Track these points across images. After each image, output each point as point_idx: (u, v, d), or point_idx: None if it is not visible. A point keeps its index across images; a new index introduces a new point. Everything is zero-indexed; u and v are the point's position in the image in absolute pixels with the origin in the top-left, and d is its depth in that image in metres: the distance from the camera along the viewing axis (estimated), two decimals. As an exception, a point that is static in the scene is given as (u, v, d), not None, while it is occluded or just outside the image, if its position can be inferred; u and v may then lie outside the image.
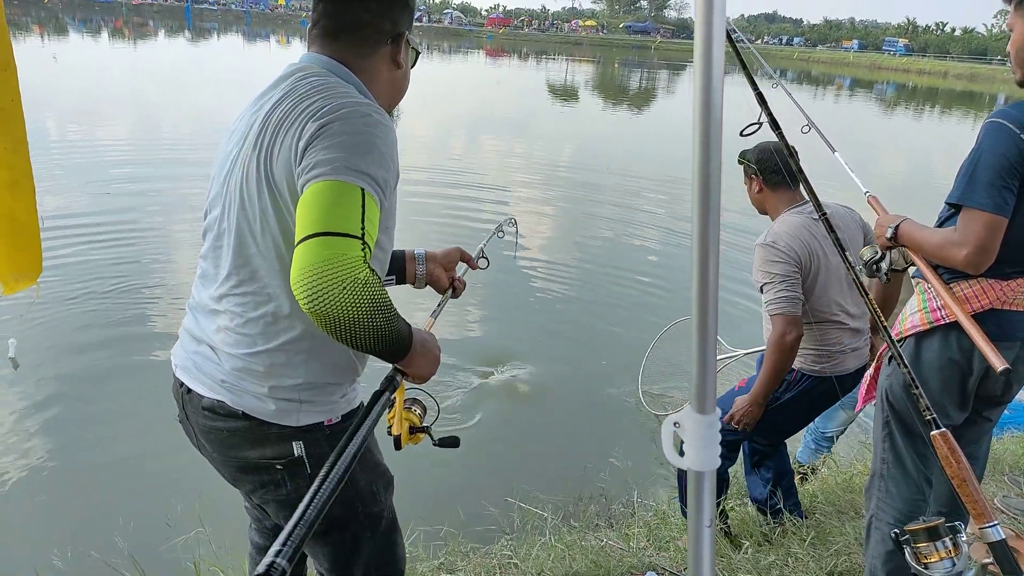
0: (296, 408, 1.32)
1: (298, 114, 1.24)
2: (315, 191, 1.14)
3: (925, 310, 1.86)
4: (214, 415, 1.32)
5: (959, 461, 1.41)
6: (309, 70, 1.35)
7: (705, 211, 0.78)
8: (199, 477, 3.42)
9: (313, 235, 1.08)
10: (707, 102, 0.75)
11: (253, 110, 1.36)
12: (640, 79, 40.57)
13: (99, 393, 4.25)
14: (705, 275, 0.80)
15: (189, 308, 1.44)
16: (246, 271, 1.29)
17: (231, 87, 18.74)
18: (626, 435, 4.24)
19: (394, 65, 1.43)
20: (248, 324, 1.29)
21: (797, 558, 2.62)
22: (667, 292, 6.67)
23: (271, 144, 1.25)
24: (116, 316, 5.20)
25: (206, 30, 51.39)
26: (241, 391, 1.30)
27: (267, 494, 1.40)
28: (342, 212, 1.11)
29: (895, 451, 1.98)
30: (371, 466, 1.48)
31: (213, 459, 1.44)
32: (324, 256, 1.06)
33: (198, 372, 1.35)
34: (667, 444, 0.89)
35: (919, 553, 1.38)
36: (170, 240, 7.04)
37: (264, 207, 1.25)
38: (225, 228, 1.32)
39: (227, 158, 1.36)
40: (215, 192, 1.37)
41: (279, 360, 1.29)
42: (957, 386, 1.87)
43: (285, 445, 1.33)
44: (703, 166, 0.77)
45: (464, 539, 2.85)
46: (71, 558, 2.77)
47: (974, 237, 1.68)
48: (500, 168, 11.58)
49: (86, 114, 12.98)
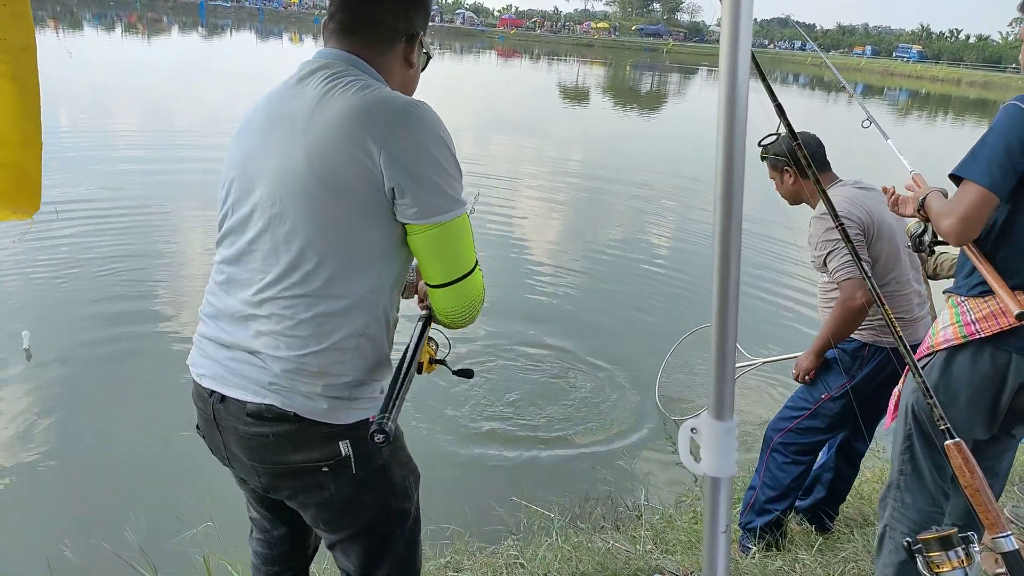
0: (347, 405, 1.32)
1: (353, 115, 1.23)
2: (436, 238, 1.28)
3: (959, 324, 1.83)
4: (261, 420, 1.29)
5: (973, 471, 1.41)
6: (335, 66, 1.33)
7: (727, 218, 0.79)
8: (209, 471, 3.45)
9: (452, 282, 1.32)
10: (731, 114, 0.76)
11: (276, 109, 1.32)
12: (652, 82, 40.51)
13: (111, 385, 4.28)
14: (726, 281, 0.81)
15: (207, 316, 1.41)
16: (298, 274, 1.26)
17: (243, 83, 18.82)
18: (634, 437, 4.24)
19: (407, 64, 1.43)
20: (299, 326, 1.27)
21: (804, 564, 2.62)
22: (680, 294, 6.66)
23: (329, 150, 1.23)
24: (130, 309, 5.23)
25: (219, 27, 51.63)
26: (292, 392, 1.28)
27: (309, 497, 1.38)
28: (463, 251, 1.32)
29: (914, 463, 1.97)
30: (404, 460, 1.48)
31: (247, 468, 1.40)
32: (466, 300, 1.36)
33: (237, 378, 1.31)
34: (683, 449, 0.89)
35: (931, 562, 1.37)
36: (183, 232, 7.10)
37: (324, 211, 1.24)
38: (261, 231, 1.29)
39: (247, 160, 1.33)
40: (236, 197, 1.34)
41: (331, 359, 1.29)
42: (989, 401, 1.84)
43: (332, 445, 1.32)
44: (726, 172, 0.78)
45: (471, 538, 2.86)
46: (82, 549, 2.79)
47: (961, 208, 1.70)
48: (509, 167, 11.59)
49: (99, 108, 13.06)
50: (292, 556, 1.64)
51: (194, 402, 1.44)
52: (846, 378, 2.60)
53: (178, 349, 4.73)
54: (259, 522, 1.62)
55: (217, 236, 1.40)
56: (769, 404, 4.72)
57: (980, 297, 1.81)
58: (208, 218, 7.59)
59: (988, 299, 1.80)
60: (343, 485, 1.35)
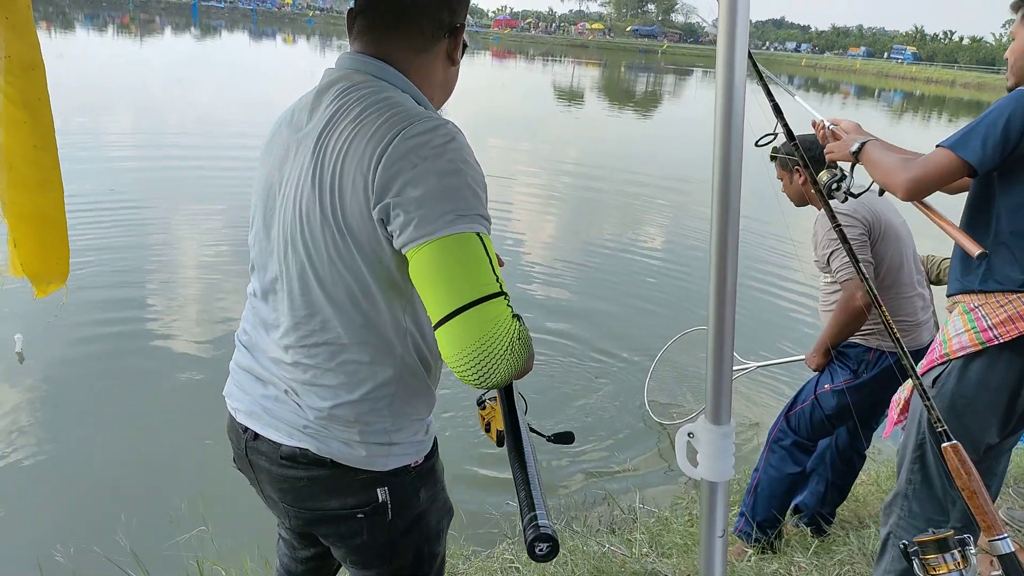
0: (386, 452, 1.23)
1: (364, 145, 1.07)
2: (430, 257, 1.01)
3: (975, 330, 1.81)
4: (294, 464, 1.21)
5: (970, 473, 1.40)
6: (354, 79, 1.18)
7: (724, 222, 0.78)
8: (202, 475, 3.46)
9: (456, 312, 1.00)
10: (728, 116, 0.75)
11: (292, 128, 1.21)
12: (647, 83, 40.59)
13: (104, 389, 4.25)
14: (723, 285, 0.80)
15: (243, 345, 1.32)
16: (316, 321, 1.16)
17: (236, 85, 18.79)
18: (629, 440, 4.23)
19: (449, 62, 1.27)
20: (326, 375, 1.18)
21: (800, 567, 2.61)
22: (675, 296, 6.66)
23: (335, 180, 1.09)
24: (122, 313, 5.20)
25: (213, 27, 51.54)
26: (328, 437, 1.20)
27: (340, 541, 1.32)
28: (472, 272, 1.01)
29: (924, 472, 1.95)
30: (441, 504, 1.39)
31: (280, 509, 1.33)
32: (478, 336, 1.00)
33: (271, 418, 1.23)
34: (680, 454, 0.88)
35: (928, 565, 1.36)
36: (176, 234, 7.06)
37: (335, 251, 1.11)
38: (281, 271, 1.19)
39: (269, 187, 1.22)
40: (259, 225, 1.24)
41: (366, 408, 1.19)
42: (1005, 407, 1.83)
43: (370, 492, 1.24)
44: (723, 177, 0.77)
45: (465, 542, 2.85)
46: (73, 553, 2.77)
47: (928, 169, 1.72)
48: (504, 168, 11.58)
49: (90, 108, 13.00)
50: (318, 573, 1.61)
51: (228, 436, 1.37)
52: (851, 375, 2.60)
53: (171, 352, 4.71)
54: (288, 541, 1.58)
55: (250, 260, 1.32)
56: (762, 408, 4.73)
57: (994, 297, 1.78)
58: (200, 218, 7.57)
59: (1004, 301, 1.77)
60: (378, 532, 1.28)
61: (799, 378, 5.16)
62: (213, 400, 1.46)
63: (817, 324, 6.04)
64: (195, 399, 4.11)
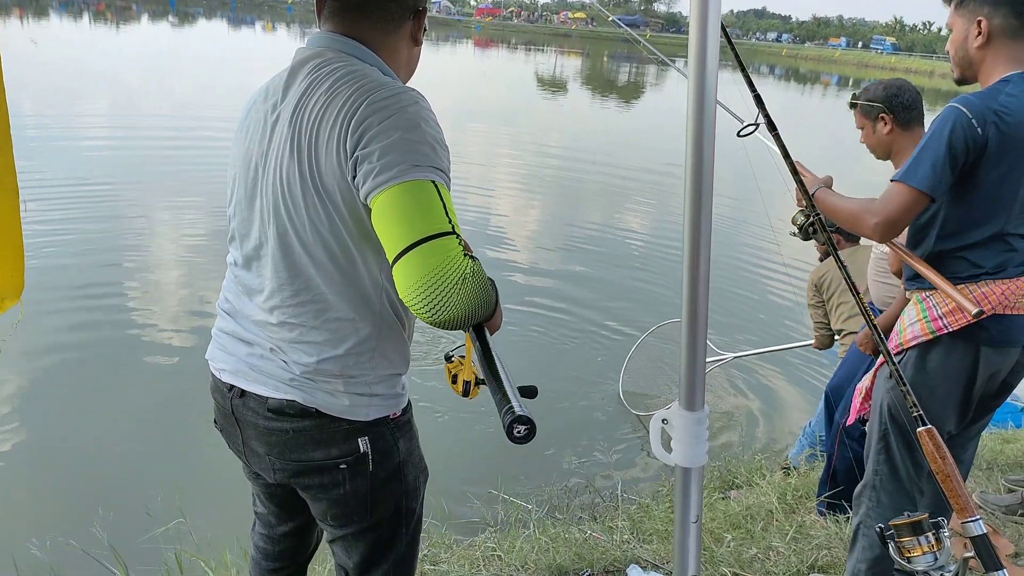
0: (367, 402, 1.30)
1: (337, 111, 1.16)
2: (388, 200, 1.10)
3: (926, 320, 1.84)
4: (281, 416, 1.29)
5: (944, 457, 1.42)
6: (325, 56, 1.26)
7: (697, 209, 0.78)
8: (180, 468, 3.43)
9: (408, 248, 1.07)
10: (700, 103, 0.74)
11: (268, 105, 1.28)
12: (629, 73, 40.57)
13: (79, 382, 4.20)
14: (696, 273, 0.80)
15: (225, 312, 1.39)
16: (300, 281, 1.25)
17: (215, 73, 18.54)
18: (611, 429, 4.26)
19: (413, 42, 1.37)
20: (311, 332, 1.26)
21: (778, 552, 2.64)
22: (655, 286, 6.69)
23: (312, 147, 1.18)
24: (97, 305, 5.13)
25: (190, 15, 50.75)
26: (313, 388, 1.27)
27: (321, 493, 1.37)
28: (425, 212, 1.09)
29: (891, 463, 1.98)
30: (417, 459, 1.46)
31: (263, 463, 1.38)
32: (429, 267, 1.06)
33: (258, 374, 1.31)
34: (655, 440, 0.89)
35: (903, 547, 1.38)
36: (152, 223, 6.97)
37: (314, 214, 1.20)
38: (265, 238, 1.27)
39: (248, 160, 1.29)
40: (240, 197, 1.31)
41: (350, 362, 1.27)
42: (961, 394, 1.87)
43: (352, 442, 1.31)
44: (695, 165, 0.77)
45: (448, 531, 2.85)
46: (50, 547, 2.73)
47: (891, 209, 1.73)
48: (486, 157, 11.55)
49: (65, 94, 12.78)
50: (293, 553, 1.64)
51: (212, 396, 1.43)
52: None
53: (147, 345, 4.66)
54: (264, 517, 1.61)
55: (228, 234, 1.38)
56: (736, 398, 4.79)
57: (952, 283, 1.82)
58: (177, 208, 7.47)
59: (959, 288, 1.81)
60: (359, 483, 1.34)
61: (776, 369, 5.22)
62: (188, 392, 1.45)
63: (792, 314, 6.13)
64: (170, 391, 4.07)
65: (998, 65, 1.75)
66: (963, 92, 1.80)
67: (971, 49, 1.78)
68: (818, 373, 5.14)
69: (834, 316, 3.58)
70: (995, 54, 1.75)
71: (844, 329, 3.53)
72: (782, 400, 4.95)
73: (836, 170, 2.63)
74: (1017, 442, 3.80)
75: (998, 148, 1.68)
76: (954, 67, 1.86)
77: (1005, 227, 1.75)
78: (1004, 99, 1.68)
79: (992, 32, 1.74)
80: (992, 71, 1.76)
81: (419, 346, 4.58)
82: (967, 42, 1.78)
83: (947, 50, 1.87)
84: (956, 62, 1.84)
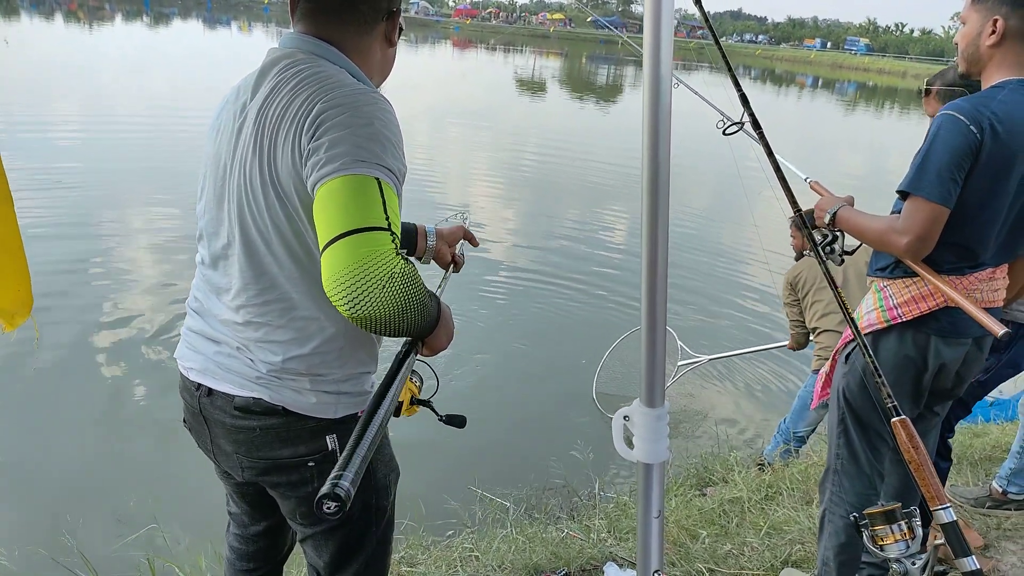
0: (335, 400, 1.30)
1: (295, 111, 1.17)
2: (329, 190, 1.08)
3: (882, 308, 1.89)
4: (247, 414, 1.28)
5: (917, 447, 1.44)
6: (295, 57, 1.26)
7: (654, 209, 0.79)
8: (152, 473, 3.38)
9: (338, 237, 1.04)
10: (656, 96, 0.75)
11: (238, 105, 1.28)
12: (608, 74, 40.74)
13: (48, 388, 4.13)
14: (654, 271, 0.81)
15: (194, 311, 1.39)
16: (264, 280, 1.25)
17: (190, 74, 18.34)
18: (588, 428, 4.27)
19: (387, 43, 1.36)
20: (277, 332, 1.26)
21: (753, 547, 2.67)
22: (633, 287, 6.72)
23: (271, 146, 1.18)
24: (66, 311, 5.05)
25: (165, 15, 50.14)
26: (280, 386, 1.27)
27: (290, 491, 1.37)
28: (362, 205, 1.06)
29: (850, 447, 2.02)
30: (387, 458, 1.47)
31: (232, 461, 1.38)
32: (356, 257, 1.02)
33: (225, 372, 1.30)
34: (617, 437, 0.90)
35: (876, 536, 1.42)
36: (125, 227, 6.88)
37: (274, 214, 1.20)
38: (232, 237, 1.27)
39: (218, 159, 1.29)
40: (210, 196, 1.31)
41: (316, 360, 1.27)
42: (912, 382, 1.91)
43: (319, 440, 1.31)
44: (652, 157, 0.78)
45: (425, 532, 2.84)
46: (18, 556, 2.69)
47: (917, 225, 1.71)
48: (463, 158, 11.54)
49: (37, 95, 12.57)
50: (267, 553, 1.65)
51: (181, 395, 1.42)
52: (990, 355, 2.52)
53: (113, 352, 4.58)
54: (238, 517, 1.61)
55: (197, 230, 1.37)
56: (712, 398, 4.84)
57: (901, 279, 1.86)
58: (150, 214, 7.38)
59: (909, 283, 1.85)
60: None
61: (751, 369, 5.28)
62: (157, 398, 1.44)
63: (769, 315, 6.20)
64: (138, 397, 4.02)
65: (1003, 67, 1.76)
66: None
67: (982, 46, 1.77)
68: (793, 372, 5.21)
69: (808, 314, 3.64)
70: (1004, 55, 1.75)
71: (818, 327, 3.59)
72: (757, 399, 5.01)
73: (813, 169, 2.68)
74: (987, 436, 3.87)
75: (988, 156, 1.68)
76: (960, 61, 1.85)
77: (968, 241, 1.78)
78: (997, 106, 1.68)
79: (1007, 32, 1.73)
80: (996, 72, 1.77)
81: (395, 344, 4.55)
82: (979, 38, 1.77)
83: (955, 42, 1.86)
84: (964, 56, 1.83)
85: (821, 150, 15.79)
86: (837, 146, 17.36)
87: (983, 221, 1.77)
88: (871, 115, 29.36)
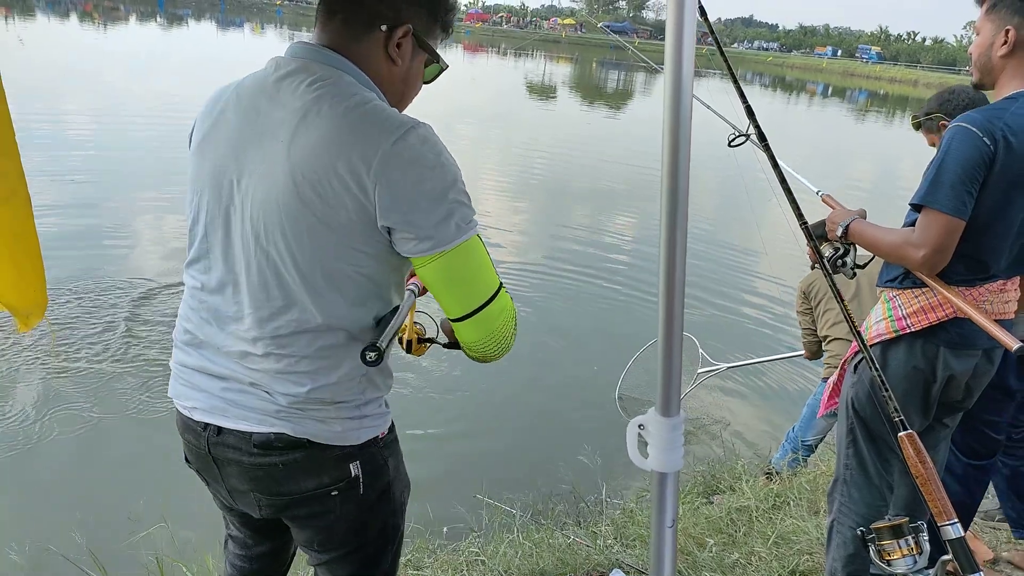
0: (358, 424, 1.27)
1: (347, 148, 1.10)
2: (442, 267, 1.15)
3: (891, 319, 1.88)
4: (268, 450, 1.22)
5: (924, 461, 1.44)
6: (316, 69, 1.18)
7: (673, 218, 0.79)
8: (162, 472, 3.39)
9: (472, 313, 1.19)
10: (676, 108, 0.76)
11: (249, 119, 1.19)
12: (618, 79, 40.76)
13: (60, 385, 4.15)
14: (672, 279, 0.81)
15: (187, 345, 1.29)
16: (294, 310, 1.18)
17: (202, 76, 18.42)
18: (595, 433, 4.26)
19: (388, 60, 1.24)
20: (302, 362, 1.20)
21: (760, 557, 2.66)
22: (643, 294, 6.71)
23: (320, 180, 1.10)
24: (77, 308, 5.08)
25: (179, 16, 50.49)
26: (302, 418, 1.22)
27: (312, 521, 1.33)
28: (482, 276, 1.19)
29: (859, 457, 2.01)
30: (403, 475, 1.43)
31: (248, 500, 1.31)
32: (491, 328, 1.21)
33: (239, 409, 1.23)
34: (632, 446, 0.90)
35: (883, 550, 1.40)
36: (135, 227, 6.92)
37: (317, 243, 1.14)
38: (248, 262, 1.19)
39: (220, 175, 1.20)
40: (212, 215, 1.22)
41: (344, 387, 1.23)
42: (921, 393, 1.90)
43: (343, 468, 1.27)
44: (671, 165, 0.78)
45: (431, 536, 2.84)
46: (28, 552, 2.71)
47: (933, 238, 1.71)
48: (473, 161, 11.55)
49: (51, 94, 12.67)
50: (271, 569, 1.60)
51: (182, 435, 1.34)
52: None
53: (129, 349, 4.61)
54: (240, 540, 1.54)
55: (188, 254, 1.28)
56: (724, 405, 4.82)
57: (911, 290, 1.85)
58: (160, 212, 7.42)
59: (918, 293, 1.84)
60: (349, 508, 1.31)
61: (770, 378, 5.26)
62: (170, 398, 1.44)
63: (780, 325, 6.18)
64: (150, 395, 4.04)
65: (1016, 77, 1.75)
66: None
67: (995, 56, 1.77)
68: (804, 380, 5.19)
69: (821, 322, 3.64)
70: (1016, 65, 1.75)
71: (829, 335, 3.59)
72: (767, 407, 4.99)
73: (821, 179, 2.68)
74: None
75: (1001, 167, 1.68)
76: (974, 70, 1.85)
77: (980, 253, 1.77)
78: (1010, 118, 1.68)
79: (1019, 43, 1.72)
80: (1009, 82, 1.76)
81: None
82: (992, 48, 1.77)
83: (970, 52, 1.87)
84: (977, 66, 1.83)
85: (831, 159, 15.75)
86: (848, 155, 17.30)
87: (995, 233, 1.76)
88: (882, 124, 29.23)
